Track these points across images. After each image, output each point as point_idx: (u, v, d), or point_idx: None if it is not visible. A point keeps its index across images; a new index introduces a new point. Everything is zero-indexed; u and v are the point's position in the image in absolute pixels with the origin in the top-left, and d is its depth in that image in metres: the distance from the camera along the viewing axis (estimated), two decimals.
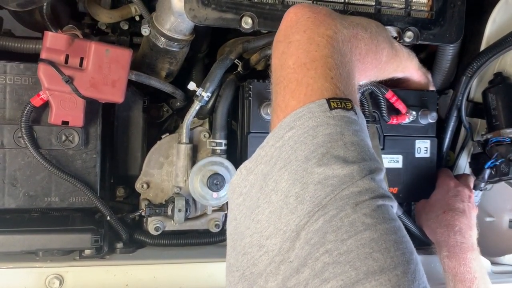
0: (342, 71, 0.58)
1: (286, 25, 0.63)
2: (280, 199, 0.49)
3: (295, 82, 0.56)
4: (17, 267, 0.83)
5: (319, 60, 0.57)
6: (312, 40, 0.59)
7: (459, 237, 0.90)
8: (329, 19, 0.62)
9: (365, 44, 0.67)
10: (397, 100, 0.97)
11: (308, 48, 0.58)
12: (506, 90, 0.98)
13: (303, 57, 0.57)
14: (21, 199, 0.87)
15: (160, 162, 0.98)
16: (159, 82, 0.95)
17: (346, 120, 0.53)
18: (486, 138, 0.99)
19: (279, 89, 0.58)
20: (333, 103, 0.53)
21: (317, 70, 0.56)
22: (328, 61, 0.57)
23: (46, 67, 0.81)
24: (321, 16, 0.62)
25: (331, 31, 0.60)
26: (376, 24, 0.76)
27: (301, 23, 0.61)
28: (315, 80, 0.55)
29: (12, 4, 0.80)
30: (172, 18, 0.85)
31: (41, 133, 0.87)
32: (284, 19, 0.64)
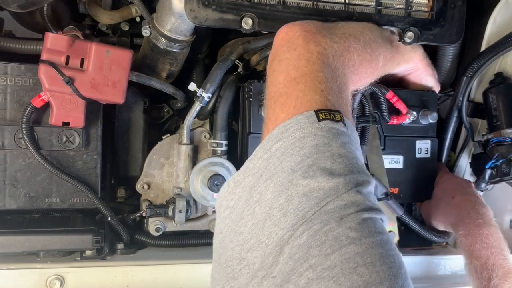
0: (333, 85, 0.58)
1: (277, 44, 0.64)
2: (264, 211, 0.49)
3: (285, 96, 0.56)
4: (18, 268, 0.83)
5: (308, 74, 0.57)
6: (302, 56, 0.60)
7: (473, 214, 0.89)
8: (319, 36, 0.63)
9: (358, 55, 0.68)
10: (398, 100, 0.97)
11: (298, 64, 0.59)
12: (507, 90, 0.98)
13: (293, 73, 0.58)
14: (22, 200, 0.87)
15: (160, 163, 0.98)
16: (159, 83, 0.95)
17: (334, 132, 0.52)
18: (487, 139, 0.99)
19: (269, 104, 0.58)
20: (322, 115, 0.53)
21: (306, 83, 0.56)
22: (318, 75, 0.57)
23: (46, 68, 0.81)
24: (311, 33, 0.63)
25: (321, 48, 0.61)
26: (370, 30, 0.75)
27: (291, 41, 0.62)
28: (305, 93, 0.55)
29: (13, 5, 0.80)
30: (173, 19, 0.85)
31: (42, 134, 0.87)
32: (276, 38, 0.65)
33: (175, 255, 0.94)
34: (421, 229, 1.01)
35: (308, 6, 0.81)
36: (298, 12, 0.80)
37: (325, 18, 0.80)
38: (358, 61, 0.67)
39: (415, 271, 0.98)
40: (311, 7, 0.81)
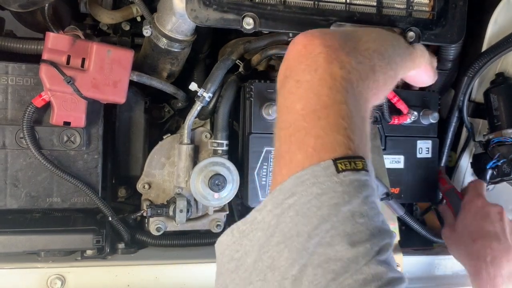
0: (357, 118, 0.51)
1: (293, 57, 0.56)
2: (276, 280, 0.44)
3: (303, 131, 0.50)
4: (19, 268, 0.83)
5: (331, 106, 0.50)
6: (324, 82, 0.51)
7: (491, 269, 0.82)
8: (342, 54, 0.54)
9: (383, 74, 0.60)
10: (399, 100, 0.97)
11: (320, 91, 0.51)
12: (508, 90, 0.98)
13: (314, 102, 0.51)
14: (23, 200, 0.87)
15: (161, 163, 0.98)
16: (160, 82, 0.95)
17: (356, 185, 0.46)
18: (488, 139, 0.99)
19: (284, 136, 0.52)
20: (341, 165, 0.47)
21: (329, 119, 0.49)
22: (342, 108, 0.50)
23: (47, 67, 0.81)
24: (334, 50, 0.54)
25: (345, 71, 0.53)
26: (392, 41, 0.68)
27: (311, 59, 0.53)
28: (326, 132, 0.49)
29: (14, 5, 0.80)
30: (174, 18, 0.85)
31: (43, 134, 0.87)
32: (292, 49, 0.57)
33: (176, 255, 0.95)
34: (422, 229, 1.01)
35: (309, 6, 0.81)
36: (299, 12, 0.80)
37: (326, 18, 0.81)
38: (382, 81, 0.60)
39: (416, 271, 0.98)
40: (312, 7, 0.81)
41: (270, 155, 0.93)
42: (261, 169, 0.93)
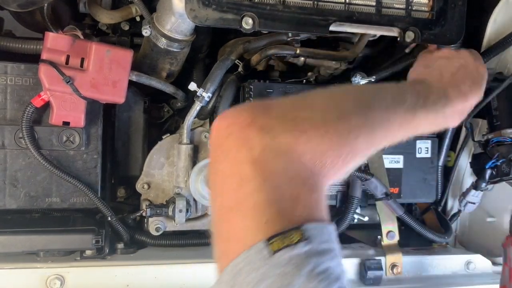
0: (285, 193, 0.46)
1: (212, 143, 0.51)
2: None
3: (226, 223, 0.47)
4: (18, 268, 0.83)
5: (244, 201, 0.46)
6: (235, 171, 0.47)
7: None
8: (254, 130, 0.47)
9: (338, 144, 0.51)
10: None
11: (231, 184, 0.47)
12: (507, 90, 0.97)
13: (227, 200, 0.47)
14: (22, 200, 0.87)
15: (161, 163, 0.98)
16: (159, 82, 0.95)
17: (296, 262, 0.41)
18: (487, 138, 0.99)
19: (217, 220, 0.49)
20: (275, 244, 0.42)
21: (246, 215, 0.45)
22: (259, 197, 0.45)
23: (47, 67, 0.81)
24: (245, 128, 0.47)
25: (256, 151, 0.46)
26: (376, 94, 0.60)
27: (223, 144, 0.49)
28: (247, 226, 0.45)
29: (13, 5, 0.80)
30: (173, 18, 0.85)
31: (42, 134, 0.87)
32: (211, 132, 0.53)
33: (175, 255, 0.94)
34: (422, 228, 1.01)
35: (309, 5, 0.81)
36: (298, 12, 0.80)
37: (325, 18, 0.81)
38: (336, 156, 0.50)
39: (415, 271, 0.98)
40: (311, 6, 0.81)
41: None
42: None
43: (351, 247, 1.00)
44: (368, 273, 0.92)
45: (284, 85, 0.94)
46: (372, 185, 0.96)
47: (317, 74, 1.09)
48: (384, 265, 0.95)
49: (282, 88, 0.93)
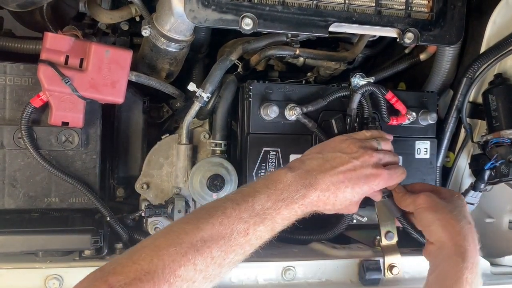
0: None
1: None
2: None
3: None
4: (16, 268, 0.83)
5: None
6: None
7: (479, 258, 0.80)
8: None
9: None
10: (397, 101, 0.97)
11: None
12: (506, 91, 0.97)
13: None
14: (21, 200, 0.87)
15: (160, 163, 0.98)
16: (159, 83, 0.95)
17: None
18: (486, 139, 0.99)
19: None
20: None
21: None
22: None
23: (46, 68, 0.81)
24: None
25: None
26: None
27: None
28: None
29: (12, 4, 0.80)
30: (172, 19, 0.85)
31: (41, 134, 0.87)
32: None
33: None
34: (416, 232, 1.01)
35: (308, 6, 0.81)
36: (298, 13, 0.80)
37: (325, 19, 0.81)
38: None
39: (413, 271, 0.98)
40: (311, 7, 0.81)
41: (268, 155, 0.93)
42: (259, 169, 0.93)
43: (349, 247, 1.00)
44: (367, 273, 0.92)
45: (283, 86, 0.94)
46: None
47: (317, 75, 1.09)
48: (383, 266, 0.95)
49: (281, 88, 0.93)
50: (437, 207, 0.82)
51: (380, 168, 0.79)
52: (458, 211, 0.82)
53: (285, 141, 0.94)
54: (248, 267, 0.89)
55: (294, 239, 1.03)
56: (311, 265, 0.92)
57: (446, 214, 0.81)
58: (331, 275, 0.93)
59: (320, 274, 0.92)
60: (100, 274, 0.59)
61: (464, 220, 0.81)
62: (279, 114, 0.90)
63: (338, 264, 0.94)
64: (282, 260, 0.91)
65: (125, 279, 0.56)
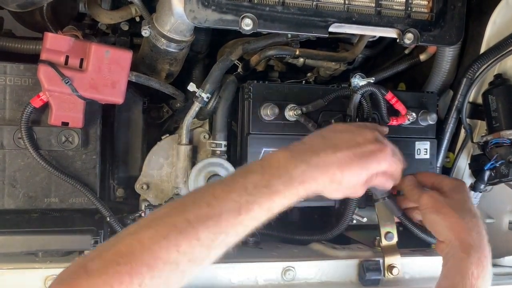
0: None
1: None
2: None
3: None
4: (16, 268, 0.83)
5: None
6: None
7: (488, 249, 0.80)
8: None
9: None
10: (397, 101, 0.97)
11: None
12: (506, 92, 0.97)
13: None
14: (20, 200, 0.87)
15: (160, 163, 0.98)
16: (159, 83, 0.95)
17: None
18: (486, 140, 0.99)
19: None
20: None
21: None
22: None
23: (46, 68, 0.81)
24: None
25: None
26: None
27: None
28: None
29: (12, 5, 0.80)
30: (172, 19, 0.85)
31: (41, 134, 0.87)
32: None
33: None
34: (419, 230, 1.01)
35: (308, 7, 0.81)
36: (298, 13, 0.80)
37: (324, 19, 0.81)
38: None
39: (413, 272, 0.98)
40: (311, 8, 0.81)
41: None
42: None
43: (349, 248, 1.00)
44: (367, 274, 0.92)
45: (283, 86, 0.94)
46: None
47: (317, 75, 1.09)
48: (383, 266, 0.95)
49: (281, 88, 0.93)
50: (440, 206, 0.81)
51: (384, 141, 0.75)
52: (461, 206, 0.82)
53: (285, 141, 0.93)
54: (248, 268, 0.89)
55: (294, 239, 1.03)
56: (311, 266, 0.92)
57: (449, 212, 0.80)
58: (331, 276, 0.93)
59: (320, 275, 0.92)
60: (80, 260, 0.58)
61: (468, 214, 0.81)
62: (279, 114, 0.90)
63: (338, 265, 0.94)
64: (282, 261, 0.91)
65: (102, 262, 0.55)
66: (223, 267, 0.89)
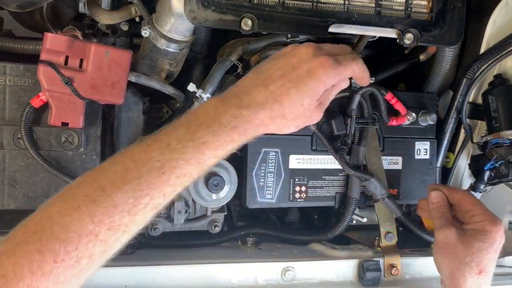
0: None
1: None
2: None
3: None
4: None
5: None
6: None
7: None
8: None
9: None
10: (397, 101, 0.97)
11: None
12: (506, 92, 0.97)
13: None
14: (20, 200, 0.87)
15: None
16: (159, 83, 0.95)
17: None
18: (486, 140, 0.99)
19: None
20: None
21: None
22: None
23: (45, 68, 0.81)
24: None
25: None
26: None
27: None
28: None
29: (12, 5, 0.80)
30: (172, 19, 0.85)
31: (41, 134, 0.87)
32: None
33: (173, 255, 0.94)
34: (419, 230, 1.01)
35: (308, 7, 0.81)
36: (297, 13, 0.80)
37: (324, 20, 0.81)
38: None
39: (413, 272, 0.99)
40: (310, 8, 0.81)
41: (268, 156, 0.93)
42: (259, 170, 0.93)
43: (349, 248, 1.00)
44: (366, 274, 0.93)
45: None
46: (372, 186, 0.96)
47: None
48: (383, 267, 0.95)
49: None
50: (451, 250, 0.77)
51: (321, 56, 0.65)
52: (473, 259, 0.76)
53: (284, 141, 0.94)
54: (248, 268, 0.89)
55: (294, 239, 1.03)
56: (311, 266, 0.92)
57: (455, 263, 0.76)
58: (331, 276, 0.93)
59: (320, 275, 0.92)
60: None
61: (474, 272, 0.75)
62: None
63: (338, 265, 0.94)
64: (282, 261, 0.91)
65: (11, 243, 0.53)
66: (223, 267, 0.89)
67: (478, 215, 0.80)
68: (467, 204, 0.83)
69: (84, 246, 0.53)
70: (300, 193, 0.96)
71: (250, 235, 1.02)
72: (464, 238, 0.79)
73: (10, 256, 0.52)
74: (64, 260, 0.52)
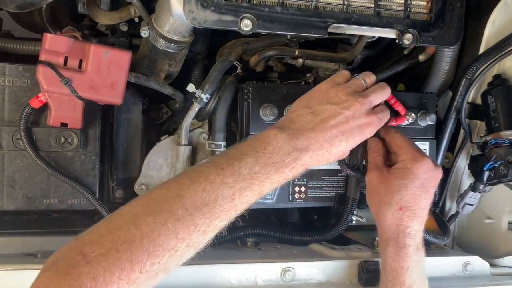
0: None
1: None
2: None
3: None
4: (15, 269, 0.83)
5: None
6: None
7: (408, 240, 0.81)
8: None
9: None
10: (396, 102, 0.97)
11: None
12: (505, 92, 0.98)
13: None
14: (20, 201, 0.87)
15: (159, 164, 0.98)
16: (158, 84, 0.95)
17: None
18: (485, 140, 0.99)
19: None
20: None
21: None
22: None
23: (45, 69, 0.81)
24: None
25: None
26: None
27: None
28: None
29: (11, 6, 0.79)
30: (171, 20, 0.85)
31: (40, 135, 0.87)
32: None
33: None
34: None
35: (307, 7, 0.81)
36: (297, 14, 0.80)
37: (323, 20, 0.81)
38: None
39: None
40: (310, 8, 0.81)
41: None
42: None
43: (349, 248, 1.00)
44: (366, 274, 0.93)
45: (283, 87, 0.94)
46: None
47: (316, 76, 1.09)
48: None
49: (281, 89, 0.92)
50: (373, 192, 0.83)
51: (372, 115, 0.76)
52: (393, 197, 0.80)
53: None
54: (247, 268, 0.89)
55: (294, 240, 1.03)
56: (310, 266, 0.92)
57: (378, 203, 0.82)
58: (330, 276, 0.93)
59: (319, 275, 0.92)
60: (75, 243, 0.57)
61: (393, 209, 0.80)
62: (279, 115, 0.90)
63: (338, 265, 0.94)
64: (282, 261, 0.91)
65: (101, 249, 0.55)
66: (223, 268, 0.89)
67: (402, 154, 0.84)
68: (395, 146, 0.87)
69: (165, 260, 0.58)
70: (300, 193, 0.96)
71: (250, 235, 1.02)
72: (386, 178, 0.83)
73: (101, 261, 0.54)
74: (148, 272, 0.56)
